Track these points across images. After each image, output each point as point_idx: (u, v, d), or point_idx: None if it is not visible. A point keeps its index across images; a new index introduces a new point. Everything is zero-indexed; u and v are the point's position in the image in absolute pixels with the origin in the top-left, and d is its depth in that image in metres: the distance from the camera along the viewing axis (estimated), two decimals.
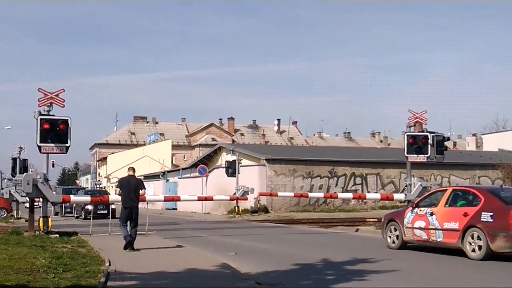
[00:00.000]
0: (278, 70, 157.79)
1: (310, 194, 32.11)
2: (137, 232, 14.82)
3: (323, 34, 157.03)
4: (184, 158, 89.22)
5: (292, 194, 32.89)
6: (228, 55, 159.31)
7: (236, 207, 34.14)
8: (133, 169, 14.96)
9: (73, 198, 24.14)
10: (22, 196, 20.70)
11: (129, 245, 14.01)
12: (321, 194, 33.23)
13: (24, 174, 18.90)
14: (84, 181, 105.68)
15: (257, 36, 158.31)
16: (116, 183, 17.04)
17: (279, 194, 32.83)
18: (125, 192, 14.33)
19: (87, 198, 25.79)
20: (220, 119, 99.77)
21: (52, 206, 34.22)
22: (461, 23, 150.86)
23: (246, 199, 32.02)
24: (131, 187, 14.37)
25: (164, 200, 37.91)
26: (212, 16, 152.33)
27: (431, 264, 12.29)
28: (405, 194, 20.88)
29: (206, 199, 30.57)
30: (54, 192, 22.45)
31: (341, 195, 32.07)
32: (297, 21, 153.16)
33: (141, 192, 14.50)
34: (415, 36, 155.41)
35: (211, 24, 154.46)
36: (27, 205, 20.53)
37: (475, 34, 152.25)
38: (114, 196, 17.48)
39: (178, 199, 31.69)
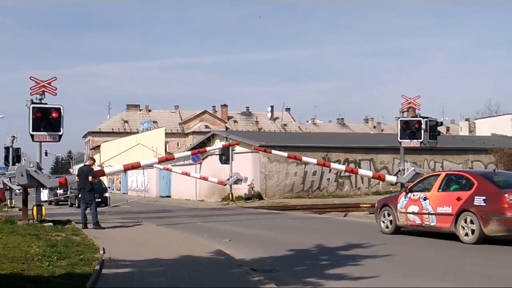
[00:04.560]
0: (271, 57, 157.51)
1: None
2: (132, 221, 15.63)
3: (317, 21, 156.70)
4: (178, 145, 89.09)
5: (286, 154, 29.33)
6: (222, 42, 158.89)
7: (230, 194, 34.18)
8: (92, 159, 18.80)
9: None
10: (18, 186, 20.39)
11: (85, 225, 16.59)
12: (314, 161, 29.40)
13: (16, 166, 18.65)
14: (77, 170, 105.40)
15: (251, 23, 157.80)
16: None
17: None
18: (78, 179, 17.51)
19: None
20: (213, 107, 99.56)
21: (46, 196, 34.10)
22: (454, 8, 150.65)
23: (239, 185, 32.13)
24: (82, 174, 17.31)
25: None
26: (206, 4, 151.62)
27: (425, 248, 12.35)
28: (397, 176, 20.94)
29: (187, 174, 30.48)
30: None
31: (334, 165, 29.94)
32: (291, 8, 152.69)
33: (89, 178, 17.08)
34: (409, 23, 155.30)
35: (205, 12, 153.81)
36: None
37: (468, 20, 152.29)
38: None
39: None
